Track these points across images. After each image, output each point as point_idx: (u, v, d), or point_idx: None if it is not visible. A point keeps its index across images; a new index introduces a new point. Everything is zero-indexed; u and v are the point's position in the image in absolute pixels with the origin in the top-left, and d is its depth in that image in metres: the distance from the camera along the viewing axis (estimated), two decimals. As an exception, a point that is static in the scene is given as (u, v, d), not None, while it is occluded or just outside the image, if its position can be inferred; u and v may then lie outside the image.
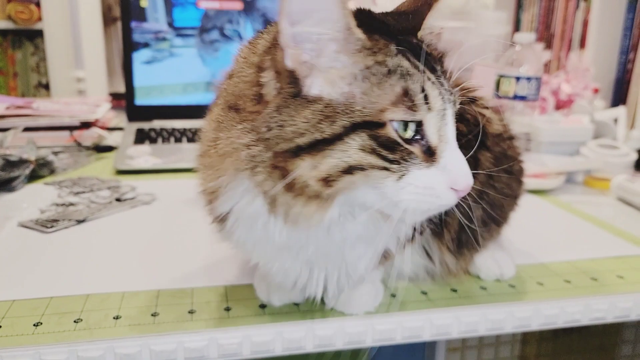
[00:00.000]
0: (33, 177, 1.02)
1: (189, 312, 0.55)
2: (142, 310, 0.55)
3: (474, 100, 0.61)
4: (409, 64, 0.43)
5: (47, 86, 2.46)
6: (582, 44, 1.53)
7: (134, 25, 1.35)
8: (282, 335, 0.53)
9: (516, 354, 1.07)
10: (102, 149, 1.24)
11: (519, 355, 1.08)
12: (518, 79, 1.10)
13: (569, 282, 0.64)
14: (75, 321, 0.53)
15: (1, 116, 1.20)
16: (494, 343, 1.05)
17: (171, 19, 1.36)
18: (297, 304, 0.57)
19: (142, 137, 1.26)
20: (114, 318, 0.54)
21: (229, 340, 0.52)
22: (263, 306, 0.57)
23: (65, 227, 0.78)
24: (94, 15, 2.69)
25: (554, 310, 0.59)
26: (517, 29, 1.82)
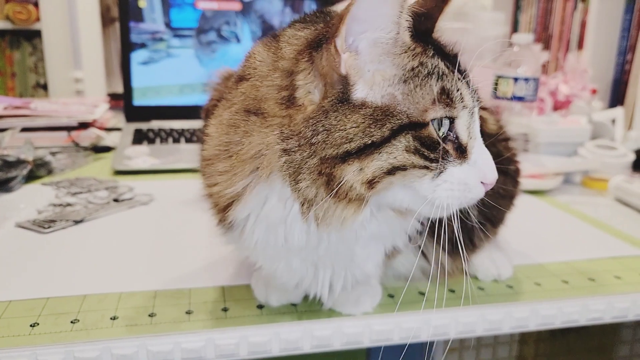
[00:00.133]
0: (30, 177, 1.01)
1: (186, 312, 0.55)
2: (139, 310, 0.55)
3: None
4: (443, 64, 0.44)
5: (45, 86, 2.45)
6: (580, 45, 1.53)
7: (132, 25, 1.35)
8: (280, 335, 0.53)
9: (514, 355, 1.07)
10: (100, 149, 1.23)
11: (517, 355, 1.08)
12: (516, 79, 1.10)
13: (567, 282, 0.65)
14: (72, 322, 0.53)
15: (-1, 116, 1.20)
16: (492, 343, 1.05)
17: (169, 19, 1.36)
18: (295, 305, 0.57)
19: (140, 137, 1.25)
20: (110, 318, 0.54)
21: (226, 340, 0.52)
22: (260, 307, 0.57)
23: (63, 228, 0.78)
24: (92, 16, 2.68)
25: (551, 310, 0.59)
26: (515, 29, 1.82)
